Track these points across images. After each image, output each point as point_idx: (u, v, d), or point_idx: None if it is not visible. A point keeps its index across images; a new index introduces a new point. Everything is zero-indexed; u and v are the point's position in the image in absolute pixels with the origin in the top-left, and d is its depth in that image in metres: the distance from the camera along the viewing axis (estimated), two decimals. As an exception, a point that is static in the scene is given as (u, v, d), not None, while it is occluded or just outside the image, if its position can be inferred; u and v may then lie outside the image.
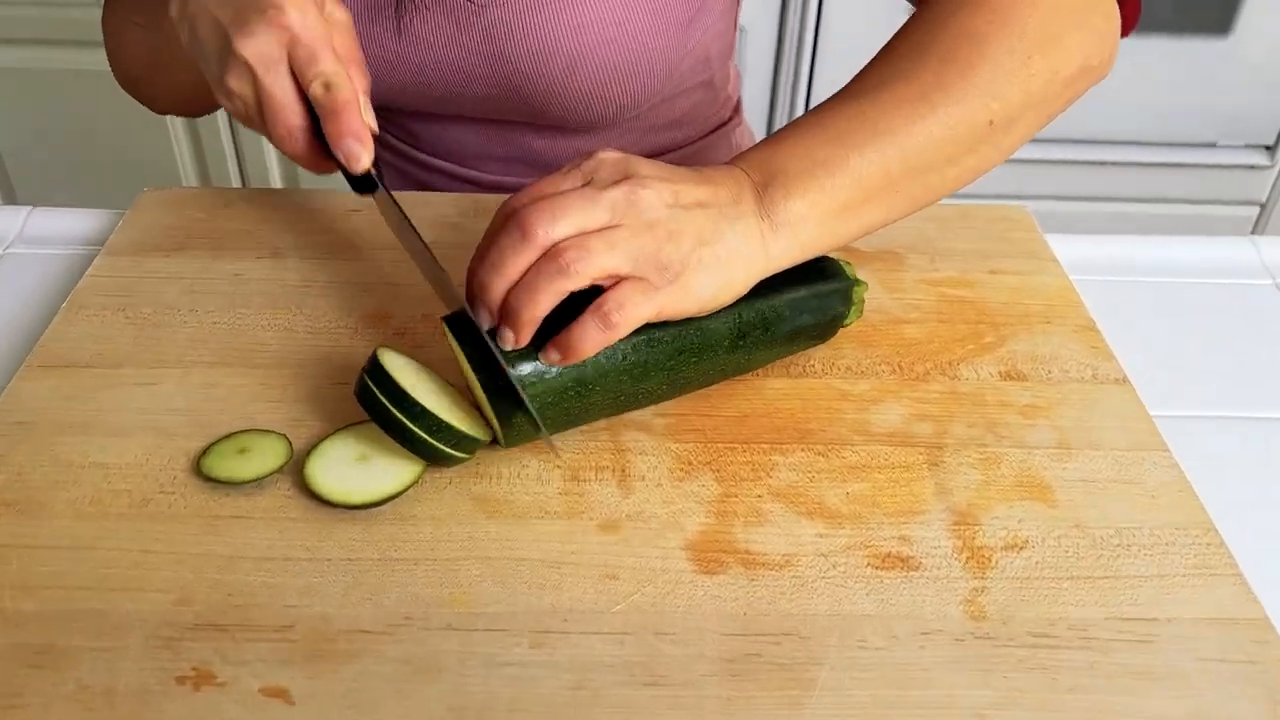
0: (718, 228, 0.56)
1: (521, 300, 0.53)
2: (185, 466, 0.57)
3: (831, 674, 0.49)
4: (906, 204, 0.62)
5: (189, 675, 0.48)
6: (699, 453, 0.60)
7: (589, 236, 0.53)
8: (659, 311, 0.55)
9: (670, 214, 0.55)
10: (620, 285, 0.54)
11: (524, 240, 0.53)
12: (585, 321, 0.54)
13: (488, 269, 0.54)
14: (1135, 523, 0.57)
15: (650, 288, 0.54)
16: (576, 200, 0.54)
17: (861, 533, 0.56)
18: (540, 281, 0.53)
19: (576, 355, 0.54)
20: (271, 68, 0.59)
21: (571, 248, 0.53)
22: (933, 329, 0.70)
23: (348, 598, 0.51)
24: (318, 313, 0.69)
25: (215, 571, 0.52)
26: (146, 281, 0.70)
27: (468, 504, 0.56)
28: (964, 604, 0.52)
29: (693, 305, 0.56)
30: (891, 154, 0.59)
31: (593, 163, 0.57)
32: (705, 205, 0.56)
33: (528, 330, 0.54)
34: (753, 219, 0.57)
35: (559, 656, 0.49)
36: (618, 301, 0.54)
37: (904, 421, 0.62)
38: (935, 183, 0.62)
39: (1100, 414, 0.64)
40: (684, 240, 0.55)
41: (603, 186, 0.55)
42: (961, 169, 0.62)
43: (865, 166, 0.58)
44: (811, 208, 0.58)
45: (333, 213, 0.78)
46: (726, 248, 0.56)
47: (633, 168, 0.56)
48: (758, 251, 0.57)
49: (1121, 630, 0.51)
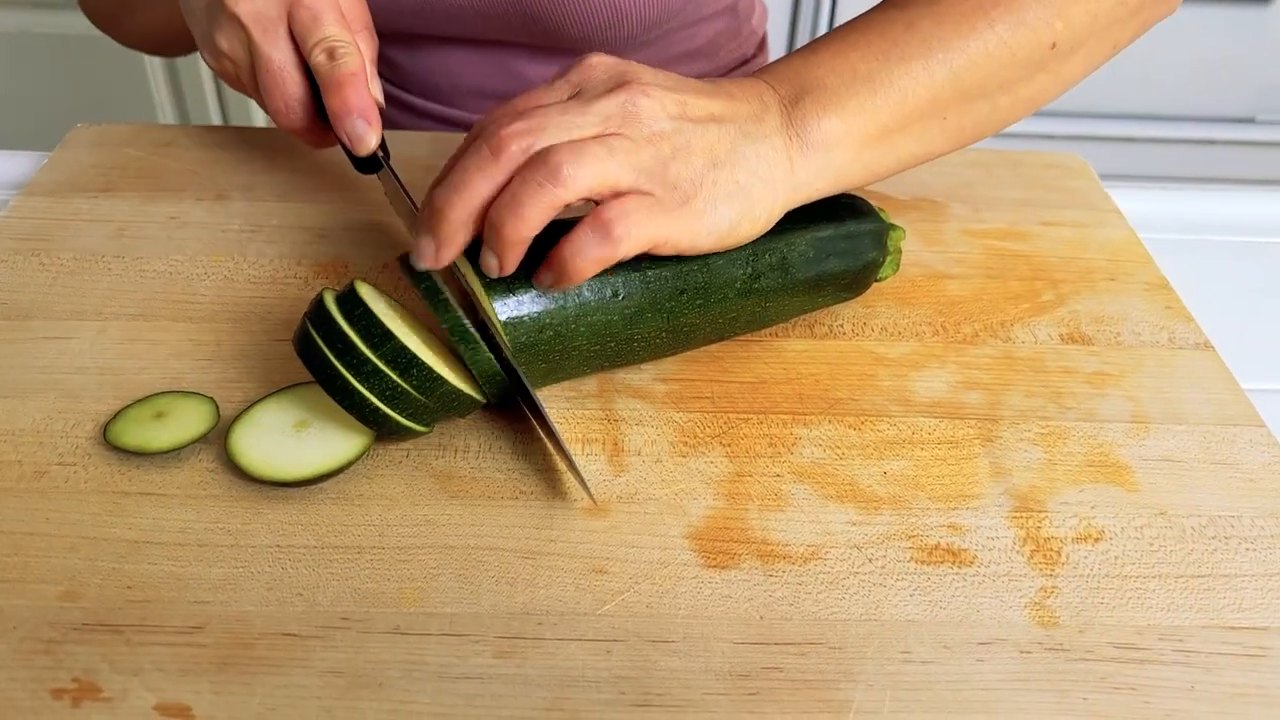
0: (735, 147, 0.47)
1: (504, 215, 0.43)
2: (91, 434, 0.48)
3: (869, 694, 0.39)
4: (949, 138, 0.53)
5: (68, 688, 0.38)
6: (707, 424, 0.50)
7: (586, 140, 0.44)
8: (667, 237, 0.45)
9: (676, 127, 0.46)
10: (622, 197, 0.45)
11: (493, 157, 0.44)
12: (581, 233, 0.44)
13: (446, 190, 0.44)
14: (1232, 511, 0.47)
15: (654, 204, 0.45)
16: (559, 112, 0.45)
17: (903, 520, 0.46)
18: (526, 192, 0.43)
19: (571, 275, 0.45)
20: (269, 29, 0.53)
21: (563, 150, 0.43)
22: (980, 286, 0.60)
23: (273, 593, 0.42)
24: (263, 260, 0.59)
25: (113, 559, 0.43)
26: (68, 224, 0.61)
27: (427, 481, 0.47)
28: (1030, 607, 0.43)
29: (705, 236, 0.47)
30: (941, 73, 0.50)
31: (580, 70, 0.47)
32: (720, 120, 0.47)
33: (513, 253, 0.44)
34: (778, 138, 0.48)
35: (530, 668, 0.39)
36: (621, 210, 0.44)
37: (951, 390, 0.53)
38: (984, 113, 0.53)
39: (1181, 383, 0.54)
40: (694, 158, 0.46)
41: (594, 96, 0.46)
42: (1015, 99, 0.54)
43: (911, 85, 0.50)
44: (849, 129, 0.49)
45: (290, 152, 0.68)
46: (746, 170, 0.47)
47: (630, 73, 0.47)
48: (783, 176, 0.48)
49: (1226, 642, 0.42)
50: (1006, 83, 0.53)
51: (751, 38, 0.87)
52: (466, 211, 0.44)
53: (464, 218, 0.44)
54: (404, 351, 0.44)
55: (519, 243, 0.44)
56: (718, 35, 0.81)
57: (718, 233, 0.47)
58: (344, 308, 0.45)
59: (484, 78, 0.78)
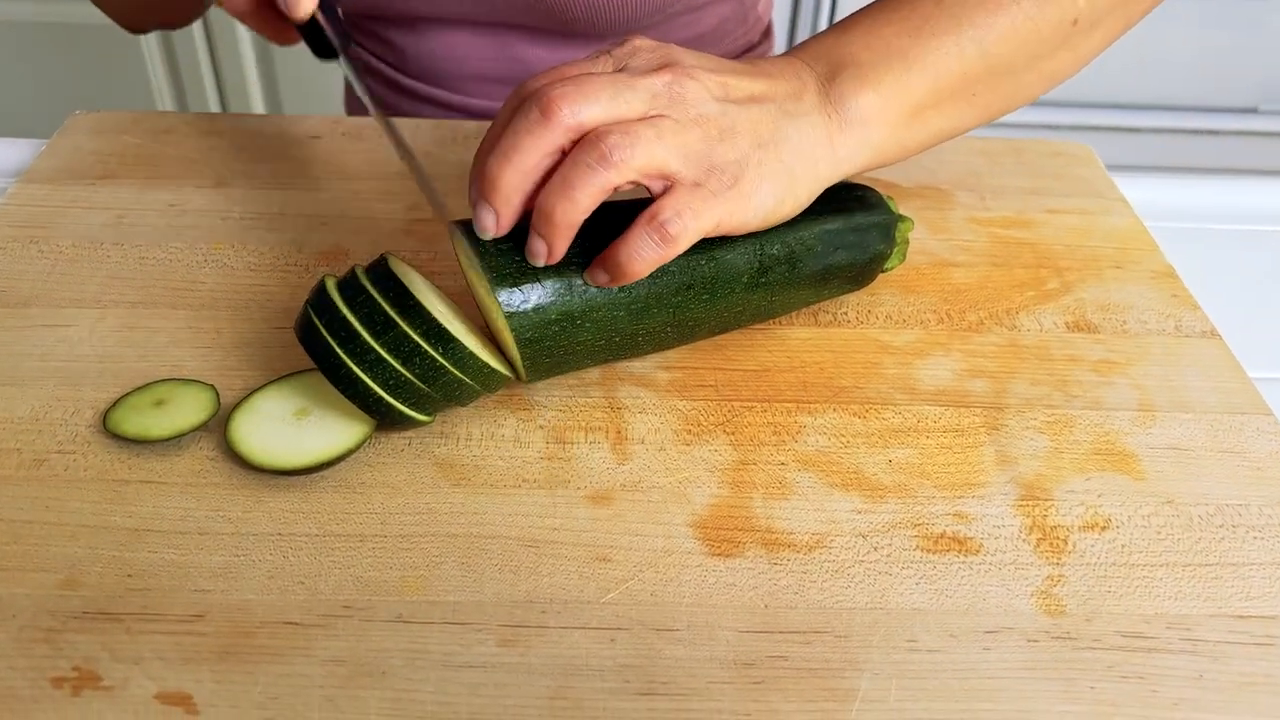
0: (777, 126, 0.47)
1: (555, 199, 0.43)
2: (91, 421, 0.48)
3: (875, 682, 0.39)
4: (976, 113, 0.53)
5: (68, 676, 0.38)
6: (711, 412, 0.50)
7: (635, 122, 0.44)
8: (717, 223, 0.45)
9: (721, 109, 0.46)
10: (673, 191, 0.45)
11: (544, 121, 0.43)
12: (637, 234, 0.44)
13: (498, 158, 0.44)
14: (1240, 499, 0.47)
15: (707, 194, 0.45)
16: (608, 83, 0.44)
17: (908, 509, 0.46)
18: (577, 174, 0.43)
19: (627, 275, 0.45)
20: None
21: (614, 132, 0.43)
22: (985, 273, 0.59)
23: (274, 581, 0.41)
24: (264, 248, 0.59)
25: (114, 547, 0.42)
26: (67, 212, 0.60)
27: (429, 469, 0.46)
28: (1037, 596, 0.42)
29: (753, 217, 0.47)
30: (971, 50, 0.51)
31: (626, 49, 0.47)
32: (761, 100, 0.47)
33: (563, 237, 0.44)
34: (817, 115, 0.48)
35: (534, 657, 0.39)
36: (675, 209, 0.44)
37: (956, 378, 0.52)
38: (1009, 89, 0.54)
39: (1188, 371, 0.53)
40: (739, 140, 0.46)
41: (639, 74, 0.46)
42: (1037, 75, 0.54)
43: (944, 62, 0.50)
44: (885, 104, 0.49)
45: (289, 139, 0.67)
46: (789, 149, 0.47)
47: (674, 55, 0.47)
48: (824, 153, 0.48)
49: (1234, 631, 0.41)
50: (1031, 59, 0.53)
51: (758, 24, 0.86)
52: (520, 174, 0.44)
53: (518, 182, 0.44)
54: (406, 340, 0.44)
55: (569, 227, 0.44)
56: (724, 21, 0.81)
57: (763, 212, 0.47)
58: (346, 294, 0.45)
59: (486, 62, 0.77)
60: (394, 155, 0.66)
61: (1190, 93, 1.76)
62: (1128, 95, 1.75)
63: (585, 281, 0.46)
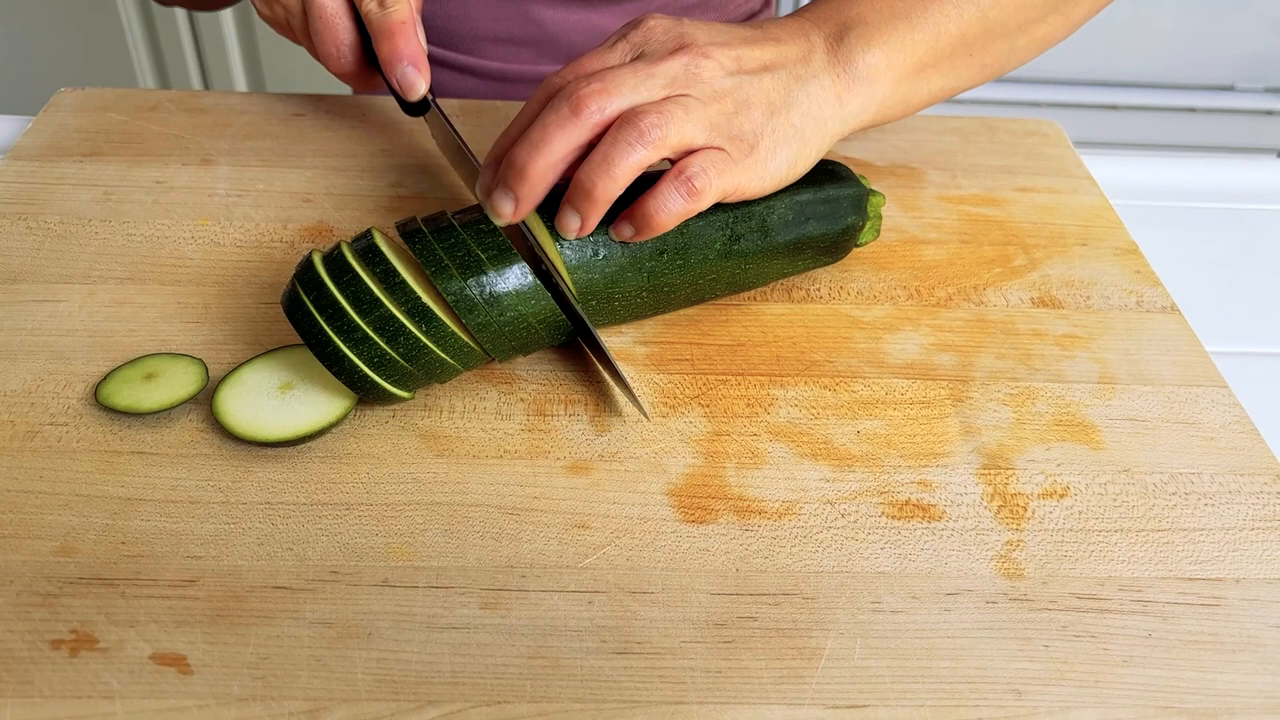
0: (789, 92, 0.50)
1: (596, 175, 0.46)
2: (82, 395, 0.49)
3: (840, 641, 0.41)
4: (972, 74, 0.57)
5: (66, 639, 0.39)
6: (686, 385, 0.51)
7: (665, 102, 0.47)
8: (737, 186, 0.49)
9: (736, 83, 0.49)
10: (700, 152, 0.48)
11: (573, 115, 0.46)
12: (665, 188, 0.48)
13: (527, 147, 0.47)
14: (1193, 468, 0.49)
15: (728, 158, 0.48)
16: (630, 74, 0.48)
17: (875, 477, 0.47)
18: (617, 151, 0.46)
19: (653, 227, 0.48)
20: None
21: (650, 111, 0.46)
22: (955, 250, 0.61)
23: (264, 548, 0.43)
24: (249, 224, 0.60)
25: (107, 516, 0.44)
26: (54, 189, 0.61)
27: (413, 441, 0.48)
28: (996, 560, 0.44)
29: (769, 181, 0.50)
30: (970, 12, 0.54)
31: (640, 32, 0.50)
32: (772, 68, 0.50)
33: (598, 211, 0.47)
34: (826, 76, 0.51)
35: (514, 619, 0.41)
36: (701, 166, 0.48)
37: (923, 352, 0.54)
38: (1003, 52, 0.57)
39: (1148, 345, 0.55)
40: (754, 111, 0.49)
41: (657, 59, 0.49)
42: (1030, 39, 0.57)
43: (944, 23, 0.53)
44: (890, 62, 0.52)
45: (273, 116, 0.68)
46: (800, 113, 0.50)
47: (688, 35, 0.50)
48: (833, 111, 0.51)
49: (1182, 592, 0.44)
50: (1025, 23, 0.56)
51: None
52: (547, 166, 0.47)
53: (544, 173, 0.47)
54: (392, 320, 0.45)
55: (607, 201, 0.47)
56: None
57: (779, 176, 0.50)
58: (333, 272, 0.46)
59: (502, 23, 0.79)
60: (375, 132, 0.67)
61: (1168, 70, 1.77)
62: (1106, 72, 1.76)
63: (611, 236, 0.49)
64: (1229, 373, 0.54)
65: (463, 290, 0.46)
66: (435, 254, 0.47)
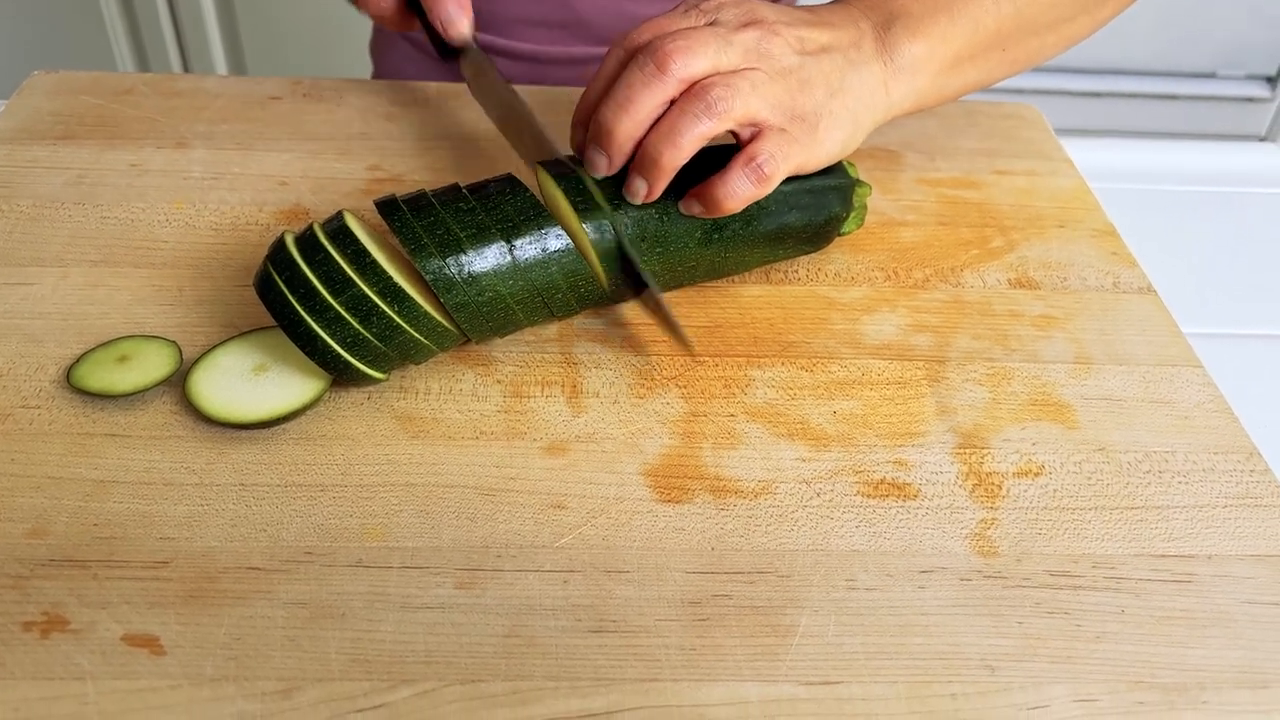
0: (844, 75, 0.52)
1: (663, 145, 0.47)
2: (55, 377, 0.48)
3: (814, 619, 0.41)
4: (1004, 68, 0.58)
5: (37, 620, 0.39)
6: (663, 366, 0.51)
7: (733, 75, 0.48)
8: (798, 165, 0.51)
9: (800, 62, 0.50)
10: (765, 135, 0.49)
11: (659, 75, 0.47)
12: (735, 173, 0.49)
13: (614, 108, 0.48)
14: (1167, 447, 0.49)
15: (790, 139, 0.50)
16: (712, 37, 0.49)
17: (850, 457, 0.48)
18: (684, 122, 0.47)
19: (721, 210, 0.50)
20: None
21: (718, 84, 0.47)
22: (932, 232, 0.61)
23: (237, 529, 0.43)
24: (224, 208, 0.59)
25: (79, 498, 0.43)
26: (26, 172, 0.61)
27: (388, 422, 0.48)
28: (970, 538, 0.44)
29: (823, 159, 0.52)
30: (1006, 7, 0.56)
31: (711, 2, 0.51)
32: (829, 51, 0.51)
33: (665, 179, 0.49)
34: (875, 63, 0.52)
35: (489, 598, 0.41)
36: (769, 152, 0.49)
37: (900, 333, 0.54)
38: (1034, 48, 0.58)
39: (1123, 326, 0.56)
40: (816, 90, 0.51)
41: (732, 29, 0.50)
42: (1059, 36, 0.59)
43: (982, 16, 0.55)
44: (931, 54, 0.54)
45: (249, 99, 0.68)
46: (853, 96, 0.52)
47: (758, 11, 0.51)
48: (880, 98, 0.53)
49: (1155, 569, 0.44)
50: (1056, 21, 0.57)
51: None
52: (634, 125, 0.48)
53: (632, 131, 0.48)
54: (364, 300, 0.45)
55: (672, 170, 0.48)
56: None
57: (832, 155, 0.52)
58: (305, 252, 0.46)
59: (535, 7, 0.79)
60: (353, 115, 0.67)
61: (1149, 57, 1.78)
62: (1087, 59, 1.77)
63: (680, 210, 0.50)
64: (1204, 353, 0.54)
65: (441, 269, 0.46)
66: (414, 232, 0.46)
